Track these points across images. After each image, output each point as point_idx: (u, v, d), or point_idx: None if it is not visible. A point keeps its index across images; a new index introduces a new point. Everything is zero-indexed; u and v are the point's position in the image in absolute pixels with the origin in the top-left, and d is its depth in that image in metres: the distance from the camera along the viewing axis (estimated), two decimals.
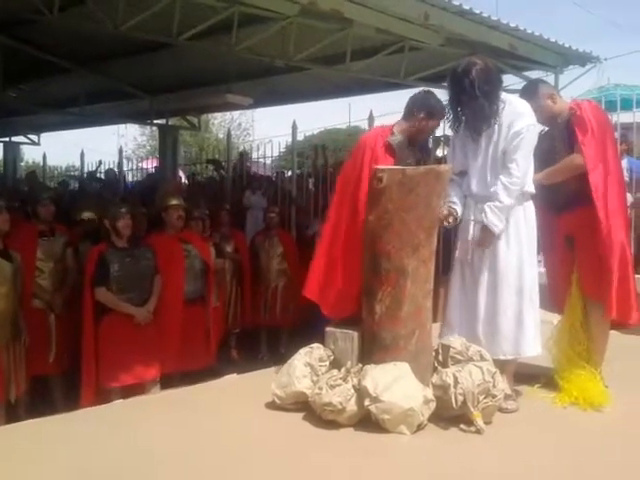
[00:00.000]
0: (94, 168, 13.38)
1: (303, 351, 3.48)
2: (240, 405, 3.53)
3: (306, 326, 7.03)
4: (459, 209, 3.56)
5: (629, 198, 6.43)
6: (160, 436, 3.09)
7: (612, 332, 3.89)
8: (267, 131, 26.50)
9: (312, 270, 3.92)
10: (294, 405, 3.36)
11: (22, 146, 17.63)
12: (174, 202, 5.81)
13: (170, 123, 13.69)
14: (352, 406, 3.14)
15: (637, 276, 3.80)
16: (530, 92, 3.85)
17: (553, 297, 3.74)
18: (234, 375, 4.32)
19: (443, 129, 5.44)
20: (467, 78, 3.36)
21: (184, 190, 10.12)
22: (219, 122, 24.70)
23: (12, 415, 4.69)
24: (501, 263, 3.48)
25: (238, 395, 3.75)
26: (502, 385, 3.28)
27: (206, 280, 5.93)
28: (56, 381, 5.62)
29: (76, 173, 15.24)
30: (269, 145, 11.05)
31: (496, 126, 3.43)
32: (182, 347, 5.54)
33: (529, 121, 3.45)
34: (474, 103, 3.37)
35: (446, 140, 6.70)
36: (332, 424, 3.14)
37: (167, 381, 5.25)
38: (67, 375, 5.57)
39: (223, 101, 10.06)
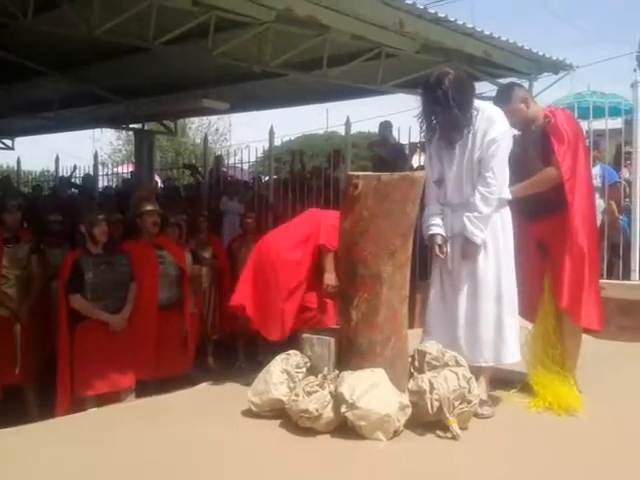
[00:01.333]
0: (69, 173, 13.25)
1: (280, 358, 3.47)
2: (216, 413, 3.52)
3: None
4: (443, 231, 3.57)
5: (601, 204, 6.53)
6: (134, 444, 3.06)
7: (586, 337, 3.94)
8: (245, 136, 26.42)
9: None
10: (271, 412, 3.35)
11: None
12: (149, 208, 5.75)
13: (146, 128, 13.58)
14: (329, 413, 3.13)
15: (608, 281, 3.86)
16: (505, 95, 3.89)
17: (526, 304, 3.77)
18: (210, 382, 4.30)
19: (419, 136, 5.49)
20: (440, 88, 3.38)
21: (160, 195, 10.06)
22: (196, 127, 24.58)
23: None
24: (480, 270, 3.50)
25: (214, 403, 3.73)
26: (477, 391, 3.30)
27: (182, 286, 5.90)
28: (29, 390, 5.54)
29: (50, 178, 15.07)
30: (246, 150, 11.05)
31: (470, 135, 3.45)
32: (157, 354, 5.49)
33: (503, 128, 3.48)
34: (447, 113, 3.39)
35: (422, 147, 6.76)
36: (309, 431, 3.14)
37: (142, 388, 5.19)
38: (42, 384, 5.49)
39: (200, 106, 10.01)
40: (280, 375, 3.36)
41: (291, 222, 4.69)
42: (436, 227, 3.57)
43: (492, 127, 3.43)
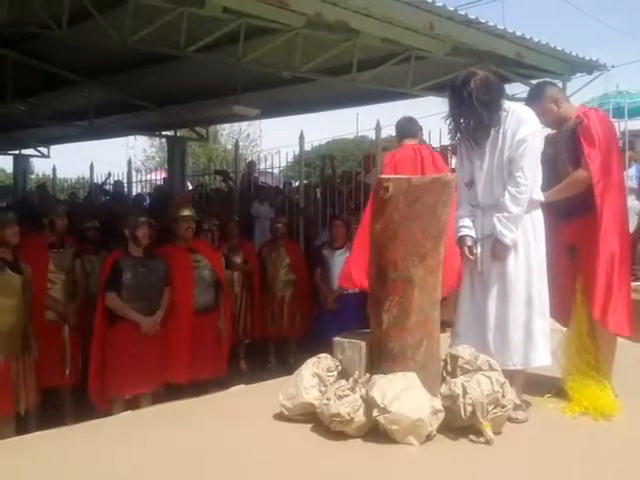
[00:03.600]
0: (103, 179, 13.46)
1: (311, 361, 3.46)
2: (247, 416, 3.52)
3: (314, 336, 7.04)
4: (473, 233, 3.55)
5: (637, 205, 6.42)
6: (167, 448, 3.08)
7: (622, 341, 3.86)
8: (275, 142, 26.58)
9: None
10: (302, 416, 3.34)
11: (32, 159, 17.81)
12: (185, 213, 5.85)
13: (178, 134, 13.77)
14: (360, 417, 3.12)
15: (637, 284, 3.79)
16: (536, 94, 3.85)
17: (558, 307, 3.71)
18: (242, 386, 4.31)
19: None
20: (465, 89, 3.37)
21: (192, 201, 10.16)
22: (227, 133, 24.82)
23: (22, 427, 4.70)
24: (510, 273, 3.46)
25: (245, 406, 3.74)
26: (511, 395, 3.25)
27: (218, 290, 5.95)
28: (67, 392, 5.64)
29: (86, 185, 15.33)
30: (277, 155, 11.10)
31: (500, 134, 3.43)
32: (192, 357, 5.55)
33: (533, 128, 3.44)
34: (473, 113, 3.38)
35: (453, 150, 6.71)
36: (340, 435, 3.12)
37: (176, 391, 5.26)
38: (77, 386, 5.60)
39: (231, 112, 10.10)
40: (311, 379, 3.35)
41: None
42: (465, 229, 3.55)
43: (522, 127, 3.40)
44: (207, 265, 5.89)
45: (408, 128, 5.08)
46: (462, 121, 3.47)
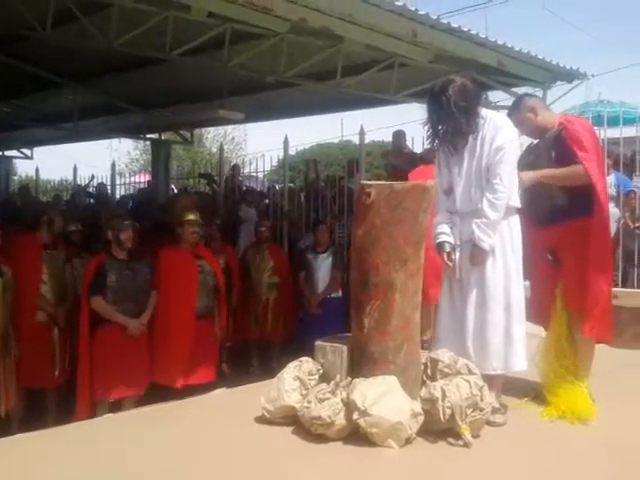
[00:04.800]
0: (86, 182, 13.40)
1: (292, 365, 3.50)
2: (229, 419, 3.54)
3: (298, 340, 7.06)
4: (452, 239, 3.59)
5: (616, 213, 6.52)
6: (149, 450, 3.10)
7: (600, 346, 3.93)
8: (260, 145, 26.50)
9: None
10: (284, 419, 3.37)
11: (15, 160, 17.66)
12: (191, 217, 5.84)
13: (163, 137, 13.73)
14: (341, 420, 3.15)
15: (622, 289, 3.86)
16: (514, 106, 3.94)
17: (537, 311, 3.77)
18: (224, 389, 4.34)
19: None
20: (444, 95, 3.44)
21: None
22: (212, 136, 24.75)
23: (4, 429, 4.68)
24: (488, 279, 3.51)
25: (227, 409, 3.76)
26: (490, 398, 3.30)
27: (217, 296, 5.95)
28: (52, 394, 5.63)
29: (69, 187, 15.24)
30: (261, 159, 11.12)
31: (478, 142, 3.48)
32: (190, 362, 5.55)
33: (510, 135, 3.50)
34: (451, 119, 3.43)
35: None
36: (321, 438, 3.15)
37: (159, 393, 5.25)
38: (61, 388, 5.59)
39: (215, 116, 10.12)
40: (292, 382, 3.38)
41: None
42: (444, 235, 3.59)
43: (499, 134, 3.46)
44: (210, 271, 5.89)
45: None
46: (440, 127, 3.52)
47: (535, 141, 3.90)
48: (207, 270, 5.85)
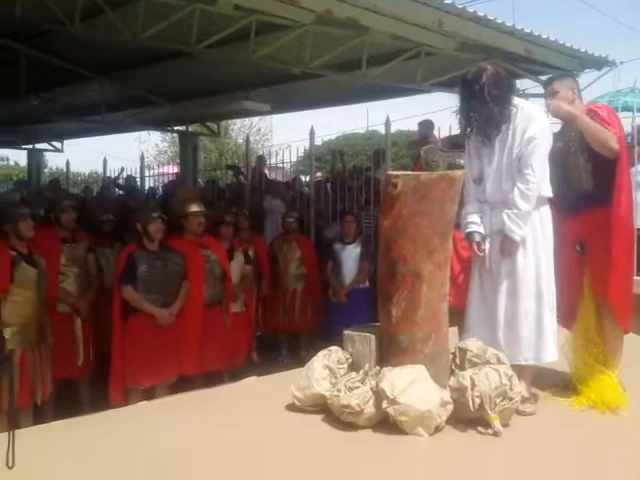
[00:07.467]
0: (116, 174, 13.56)
1: (322, 354, 3.53)
2: (260, 407, 3.59)
3: (326, 329, 7.11)
4: (482, 229, 3.58)
5: None
6: (180, 438, 3.15)
7: (629, 335, 3.89)
8: (286, 136, 26.58)
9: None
10: (313, 407, 3.41)
11: (46, 153, 17.91)
12: (195, 209, 5.89)
13: (190, 129, 13.83)
14: (370, 408, 3.19)
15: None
16: (560, 75, 3.88)
17: (562, 309, 3.72)
18: (254, 377, 4.39)
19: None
20: (477, 83, 3.40)
21: (208, 196, 10.23)
22: (239, 127, 24.84)
23: (39, 418, 4.80)
24: (519, 269, 3.49)
25: (258, 397, 3.81)
26: (519, 388, 3.30)
27: (224, 286, 6.02)
28: (83, 384, 5.74)
29: (99, 179, 15.44)
30: (287, 150, 11.14)
31: (510, 131, 3.45)
32: (202, 350, 5.63)
33: (542, 125, 3.46)
34: (484, 108, 3.40)
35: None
36: (350, 426, 3.19)
37: (189, 383, 5.34)
38: (94, 377, 5.70)
39: (241, 107, 10.17)
40: (322, 371, 3.42)
41: None
42: (474, 225, 3.58)
43: (531, 124, 3.43)
44: (217, 260, 5.95)
45: None
46: (472, 115, 3.51)
47: (557, 128, 3.84)
48: (213, 259, 5.90)
